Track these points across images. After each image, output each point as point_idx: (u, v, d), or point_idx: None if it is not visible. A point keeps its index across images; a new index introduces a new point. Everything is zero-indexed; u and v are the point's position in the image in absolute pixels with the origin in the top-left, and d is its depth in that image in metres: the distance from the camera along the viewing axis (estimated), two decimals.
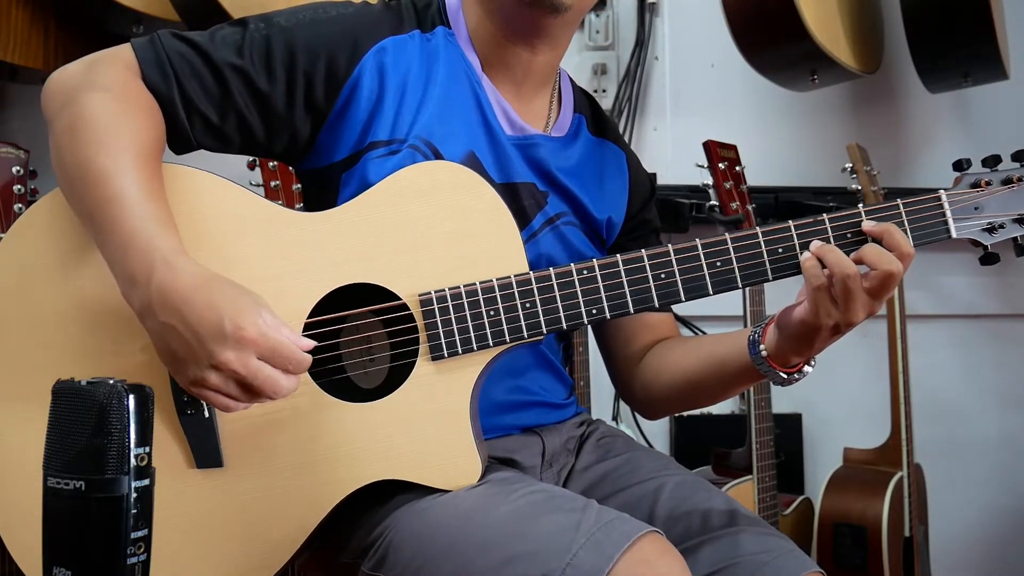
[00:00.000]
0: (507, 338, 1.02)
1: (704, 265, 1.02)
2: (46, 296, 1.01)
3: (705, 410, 2.39)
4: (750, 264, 1.02)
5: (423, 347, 1.02)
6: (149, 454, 0.68)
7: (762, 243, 1.02)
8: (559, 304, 1.02)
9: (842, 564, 2.00)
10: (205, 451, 1.00)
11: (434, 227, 1.03)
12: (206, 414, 0.99)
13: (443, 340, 1.01)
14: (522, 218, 1.10)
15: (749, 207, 1.87)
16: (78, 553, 0.66)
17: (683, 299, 1.02)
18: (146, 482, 0.68)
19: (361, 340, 1.07)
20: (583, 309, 1.02)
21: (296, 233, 1.02)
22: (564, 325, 1.02)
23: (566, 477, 1.19)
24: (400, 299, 1.02)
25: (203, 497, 1.00)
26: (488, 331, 1.01)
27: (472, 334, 1.01)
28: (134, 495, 0.67)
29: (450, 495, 0.99)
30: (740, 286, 1.03)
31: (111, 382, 0.67)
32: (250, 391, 0.89)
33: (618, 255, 1.03)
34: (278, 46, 1.04)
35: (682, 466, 1.19)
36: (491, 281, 1.02)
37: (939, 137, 2.46)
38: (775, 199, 2.34)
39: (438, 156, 1.09)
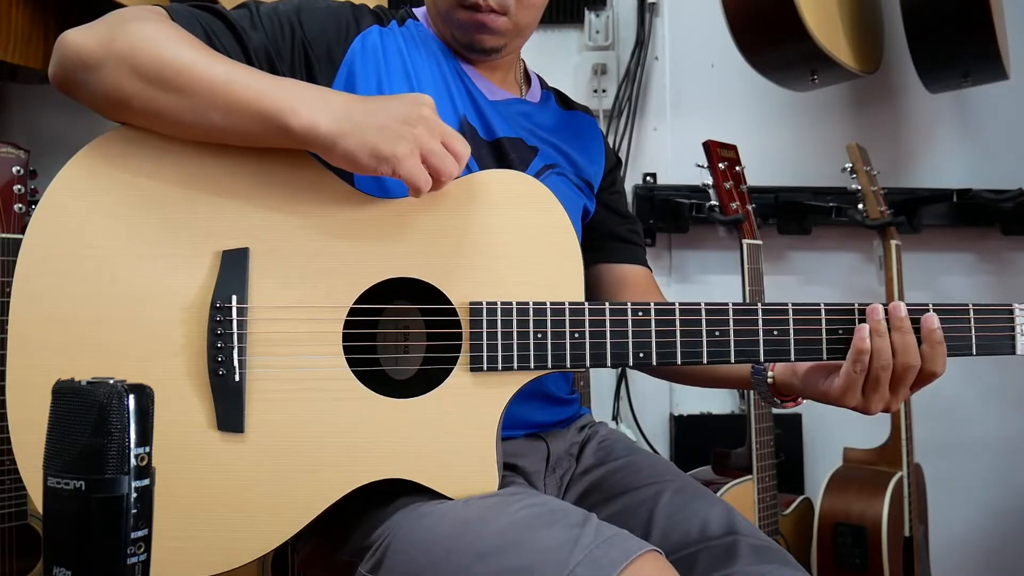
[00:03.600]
0: (549, 364, 1.00)
1: (760, 331, 1.01)
2: (94, 243, 1.00)
3: (705, 410, 2.40)
4: (807, 339, 1.01)
5: (464, 356, 1.00)
6: (149, 454, 0.68)
7: (823, 319, 1.01)
8: (607, 340, 1.00)
9: (842, 564, 2.00)
10: (229, 414, 0.99)
11: (498, 238, 1.02)
12: (236, 379, 0.99)
13: (485, 353, 1.00)
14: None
15: (749, 207, 1.87)
16: (78, 553, 0.66)
17: (732, 361, 1.01)
18: (146, 482, 0.68)
19: (399, 335, 1.06)
20: (631, 351, 1.00)
21: (359, 214, 1.02)
22: (609, 363, 1.01)
23: (568, 482, 1.19)
24: (450, 302, 1.01)
25: (218, 459, 1.00)
26: (532, 353, 1.00)
27: (515, 352, 1.00)
28: (134, 495, 0.67)
29: (451, 503, 0.99)
30: (792, 359, 1.02)
31: (111, 382, 0.67)
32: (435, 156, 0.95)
33: (676, 302, 1.02)
34: (284, 22, 1.09)
35: (682, 472, 1.19)
36: (544, 304, 1.00)
37: (939, 137, 2.46)
38: (775, 199, 2.34)
39: None
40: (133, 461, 0.67)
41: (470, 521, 0.95)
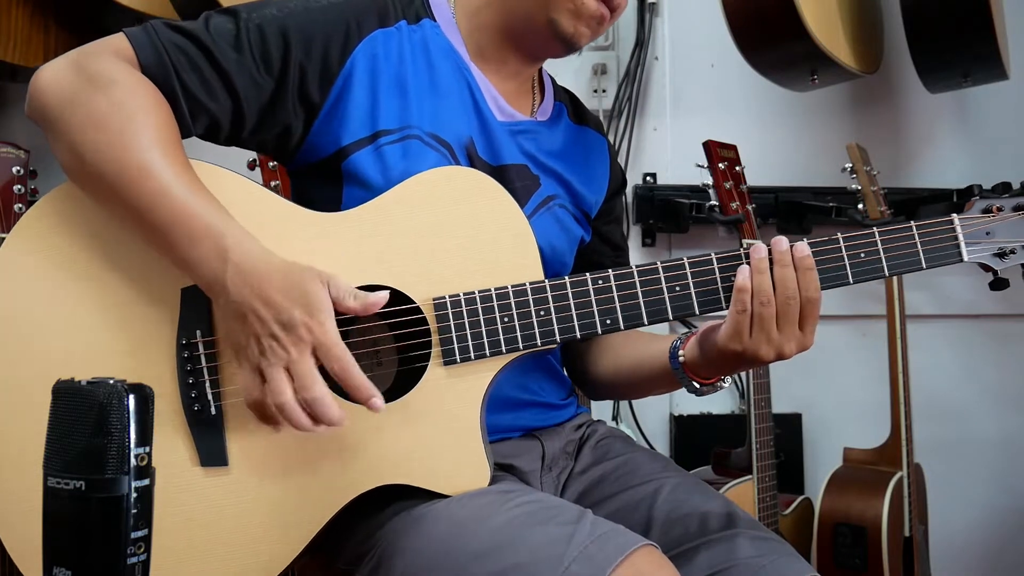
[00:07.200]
0: (520, 345, 1.01)
1: (719, 279, 1.02)
2: (52, 295, 1.01)
3: (705, 410, 2.39)
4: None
5: (435, 351, 1.01)
6: (149, 454, 0.68)
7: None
8: (573, 313, 1.02)
9: (842, 564, 2.00)
10: (210, 449, 1.00)
11: (451, 232, 1.02)
12: (212, 412, 0.99)
13: (456, 345, 1.01)
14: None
15: (749, 207, 1.87)
16: (78, 553, 0.66)
17: (697, 312, 1.02)
18: (146, 482, 0.68)
19: (369, 343, 1.06)
20: (597, 319, 1.02)
21: (313, 232, 1.02)
22: (578, 334, 1.02)
23: (565, 481, 1.19)
24: (414, 303, 1.01)
25: (206, 496, 1.00)
26: (501, 337, 1.01)
27: (485, 340, 1.01)
28: (134, 495, 0.67)
29: (444, 503, 0.99)
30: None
31: (111, 382, 0.67)
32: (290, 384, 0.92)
33: (633, 265, 1.03)
34: (272, 36, 1.04)
35: (681, 468, 1.19)
36: (506, 288, 1.01)
37: (939, 137, 2.46)
38: (775, 199, 2.34)
39: (441, 142, 1.10)
40: (133, 461, 0.67)
41: (465, 521, 0.95)
